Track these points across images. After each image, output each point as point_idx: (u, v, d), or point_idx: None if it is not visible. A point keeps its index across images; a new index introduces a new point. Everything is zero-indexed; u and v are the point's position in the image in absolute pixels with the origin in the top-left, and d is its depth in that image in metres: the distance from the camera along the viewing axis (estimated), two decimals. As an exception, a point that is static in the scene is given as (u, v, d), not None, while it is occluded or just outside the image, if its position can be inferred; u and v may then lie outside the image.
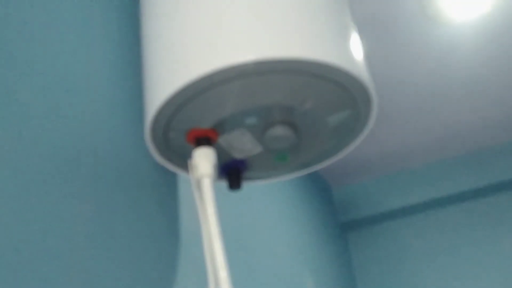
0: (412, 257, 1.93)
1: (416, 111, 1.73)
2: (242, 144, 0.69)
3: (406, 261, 1.94)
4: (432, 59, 1.51)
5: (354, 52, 0.63)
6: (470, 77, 1.59)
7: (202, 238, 0.79)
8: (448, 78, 1.59)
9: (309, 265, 1.50)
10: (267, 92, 0.60)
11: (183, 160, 0.72)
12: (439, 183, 1.93)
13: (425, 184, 1.95)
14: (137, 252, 0.66)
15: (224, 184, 1.00)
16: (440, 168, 1.96)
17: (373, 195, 2.03)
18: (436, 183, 1.94)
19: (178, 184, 0.81)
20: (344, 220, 2.04)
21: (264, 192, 1.30)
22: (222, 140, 0.68)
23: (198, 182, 0.63)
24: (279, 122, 0.66)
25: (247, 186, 1.17)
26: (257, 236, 1.13)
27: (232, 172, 0.72)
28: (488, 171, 1.88)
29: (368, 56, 1.48)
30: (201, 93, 0.59)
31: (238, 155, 0.71)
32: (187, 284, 0.73)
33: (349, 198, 2.07)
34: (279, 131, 0.66)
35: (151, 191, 0.74)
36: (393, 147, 1.90)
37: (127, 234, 0.65)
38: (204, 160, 0.63)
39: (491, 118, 1.78)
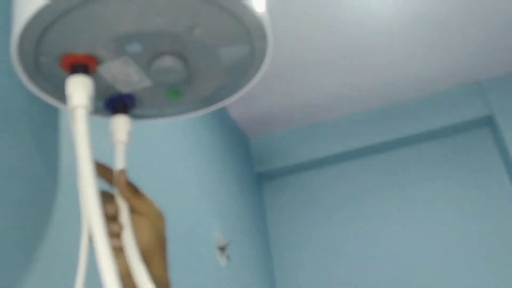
0: (322, 207, 1.99)
1: (331, 64, 1.73)
2: (127, 75, 0.63)
3: (317, 210, 2.00)
4: (346, 10, 1.51)
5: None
6: (385, 28, 1.61)
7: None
8: (363, 30, 1.60)
9: (220, 213, 1.49)
10: (149, 13, 0.55)
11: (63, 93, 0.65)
12: (350, 136, 1.98)
13: (337, 137, 2.00)
14: (13, 195, 0.60)
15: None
16: (352, 121, 2.01)
17: (288, 147, 2.05)
18: (347, 136, 1.99)
19: (60, 120, 0.74)
20: (260, 170, 2.05)
21: (172, 136, 1.25)
22: (103, 70, 0.61)
23: (72, 114, 0.57)
24: (167, 53, 0.61)
25: (151, 126, 1.11)
26: (158, 179, 1.08)
27: (117, 108, 0.67)
28: (394, 126, 1.95)
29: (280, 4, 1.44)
30: (74, 9, 0.52)
31: (123, 88, 0.65)
32: (65, 228, 0.68)
33: (265, 149, 2.08)
34: (166, 62, 0.60)
35: (27, 127, 0.67)
36: (309, 99, 1.90)
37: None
38: (78, 89, 0.56)
39: (401, 75, 1.83)
